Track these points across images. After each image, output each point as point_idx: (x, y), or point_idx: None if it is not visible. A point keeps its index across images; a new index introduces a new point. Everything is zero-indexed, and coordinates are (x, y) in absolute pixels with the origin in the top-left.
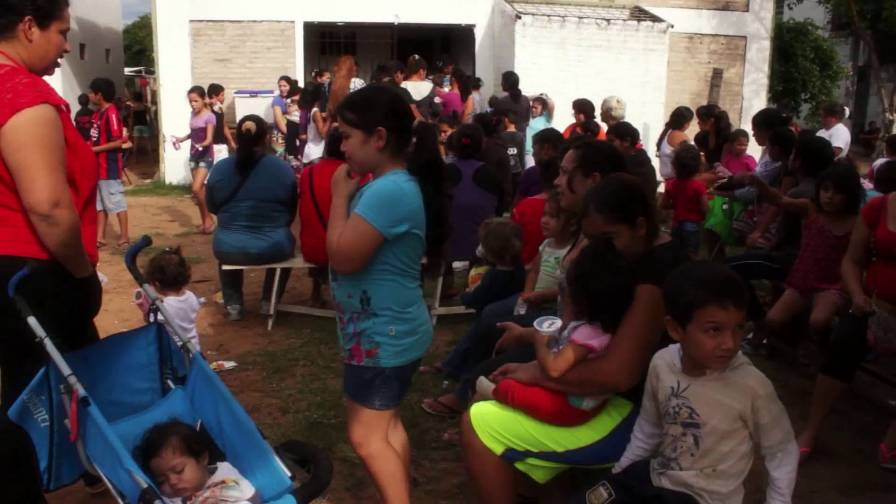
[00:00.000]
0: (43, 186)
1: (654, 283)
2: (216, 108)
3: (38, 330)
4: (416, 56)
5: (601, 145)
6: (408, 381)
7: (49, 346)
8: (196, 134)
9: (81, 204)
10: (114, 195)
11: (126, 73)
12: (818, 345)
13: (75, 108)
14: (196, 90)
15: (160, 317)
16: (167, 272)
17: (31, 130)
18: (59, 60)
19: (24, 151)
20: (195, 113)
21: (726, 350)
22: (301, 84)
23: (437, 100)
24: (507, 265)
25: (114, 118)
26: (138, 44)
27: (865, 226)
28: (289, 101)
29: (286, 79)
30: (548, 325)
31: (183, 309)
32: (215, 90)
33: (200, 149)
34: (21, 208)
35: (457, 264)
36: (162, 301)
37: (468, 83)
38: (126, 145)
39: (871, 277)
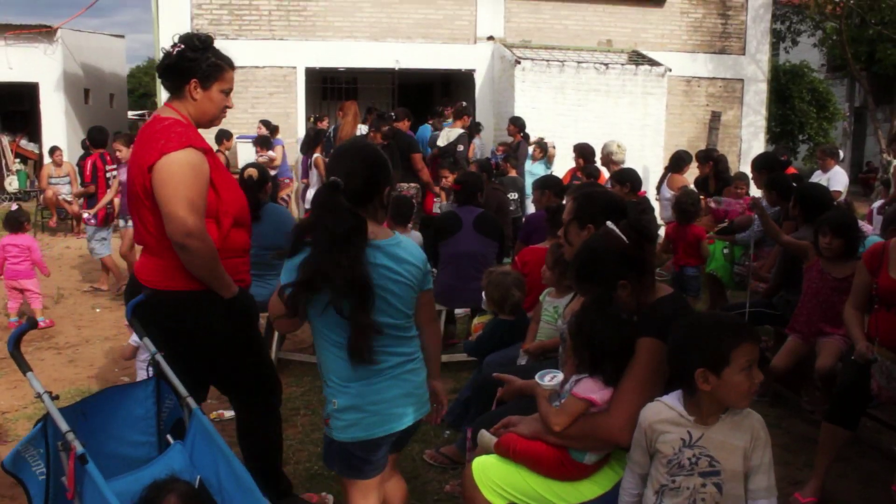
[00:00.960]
0: (178, 219)
1: (655, 337)
2: (222, 156)
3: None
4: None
5: (598, 196)
6: (369, 461)
7: (47, 400)
8: (124, 188)
9: (223, 236)
10: (92, 241)
11: (130, 116)
12: (822, 391)
13: (77, 152)
14: (122, 138)
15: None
16: None
17: (173, 170)
18: (220, 113)
19: (166, 188)
20: (122, 164)
21: (758, 383)
22: (303, 129)
23: (459, 147)
24: (508, 315)
25: (88, 166)
26: (143, 87)
27: (867, 271)
28: (257, 150)
29: (265, 123)
30: (549, 379)
31: None
32: (225, 136)
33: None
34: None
35: (458, 311)
36: (162, 354)
37: (473, 128)
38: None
39: (873, 324)
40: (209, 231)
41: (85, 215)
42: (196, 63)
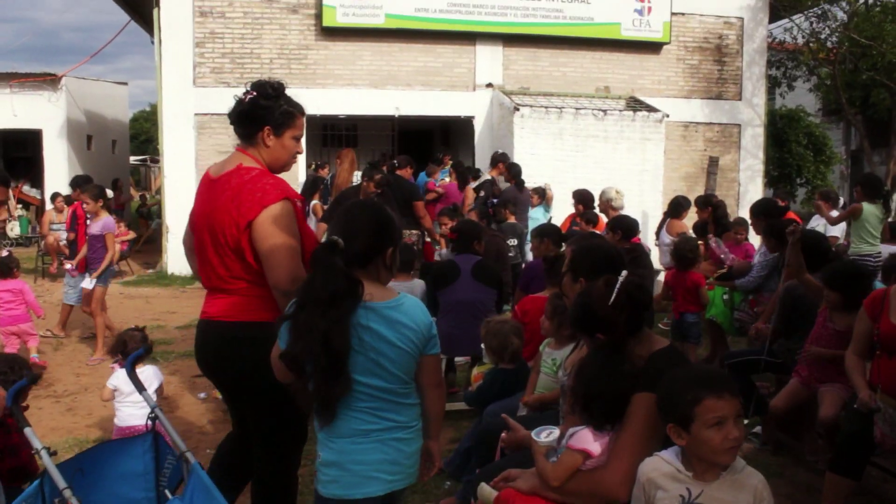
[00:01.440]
0: (285, 268)
1: (650, 391)
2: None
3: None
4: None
5: (591, 249)
6: None
7: (45, 457)
8: (91, 244)
9: None
10: (66, 285)
11: (132, 161)
12: (826, 440)
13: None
14: (89, 190)
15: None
16: (129, 346)
17: (275, 222)
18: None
19: (271, 240)
20: (92, 217)
21: (734, 440)
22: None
23: (481, 193)
24: (508, 363)
25: (69, 213)
26: (144, 133)
27: (868, 318)
28: None
29: None
30: (545, 436)
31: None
32: None
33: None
34: (264, 283)
35: (458, 359)
36: (161, 410)
37: (466, 173)
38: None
39: (875, 371)
40: None
41: (67, 266)
42: (269, 111)
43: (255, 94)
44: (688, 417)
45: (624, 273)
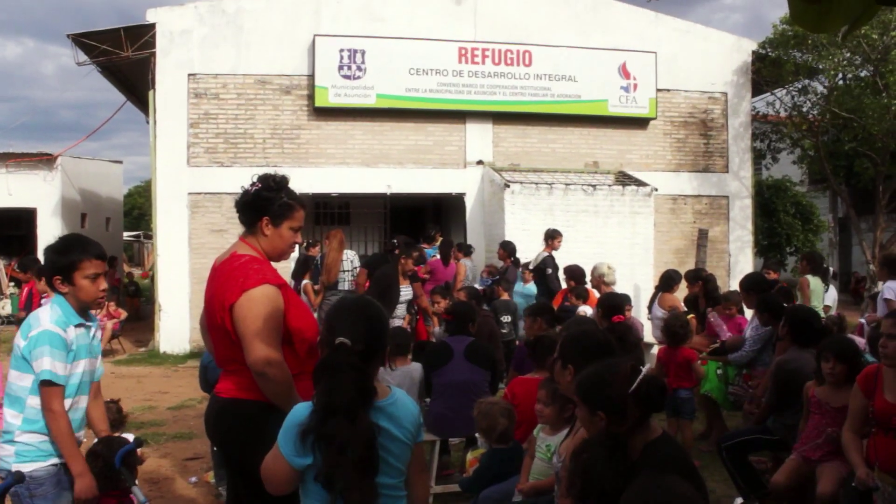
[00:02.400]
0: (257, 350)
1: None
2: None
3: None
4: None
5: (580, 337)
6: None
7: None
8: None
9: (300, 361)
10: None
11: (125, 237)
12: None
13: None
14: (34, 270)
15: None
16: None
17: (252, 306)
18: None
19: (246, 322)
20: (45, 297)
21: None
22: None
23: (549, 271)
24: (499, 443)
25: (24, 292)
26: (138, 208)
27: (862, 394)
28: None
29: None
30: None
31: None
32: None
33: None
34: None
35: (452, 440)
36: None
37: (448, 250)
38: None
39: (871, 449)
40: (286, 357)
41: None
42: (269, 202)
43: (259, 185)
44: None
45: (648, 366)
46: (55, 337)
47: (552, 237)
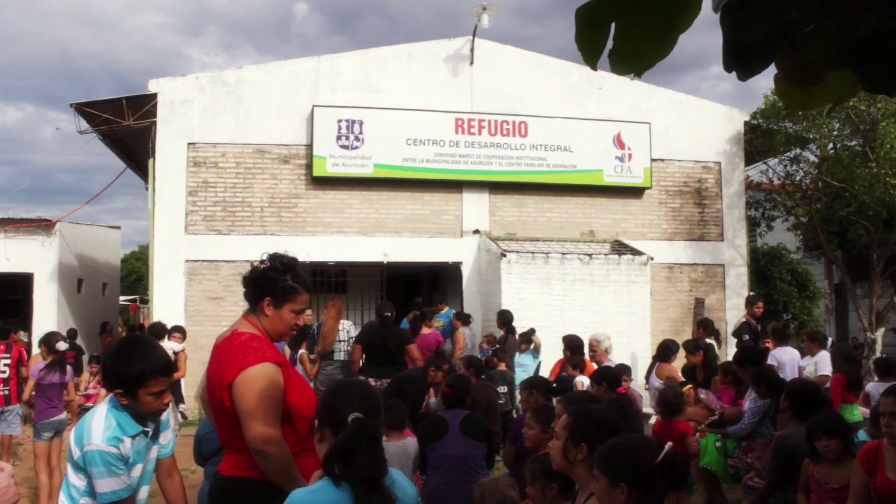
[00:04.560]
0: (255, 428)
1: None
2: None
3: None
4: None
5: (591, 414)
6: None
7: None
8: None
9: (300, 438)
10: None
11: (121, 301)
12: None
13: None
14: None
15: None
16: None
17: (250, 384)
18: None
19: (245, 401)
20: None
21: None
22: None
23: (745, 337)
24: None
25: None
26: (135, 273)
27: (864, 471)
28: None
29: None
30: None
31: None
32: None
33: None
34: None
35: None
36: None
37: (422, 317)
38: None
39: None
40: (286, 434)
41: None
42: (273, 283)
43: (267, 264)
44: None
45: (669, 444)
46: (108, 456)
47: (751, 304)
